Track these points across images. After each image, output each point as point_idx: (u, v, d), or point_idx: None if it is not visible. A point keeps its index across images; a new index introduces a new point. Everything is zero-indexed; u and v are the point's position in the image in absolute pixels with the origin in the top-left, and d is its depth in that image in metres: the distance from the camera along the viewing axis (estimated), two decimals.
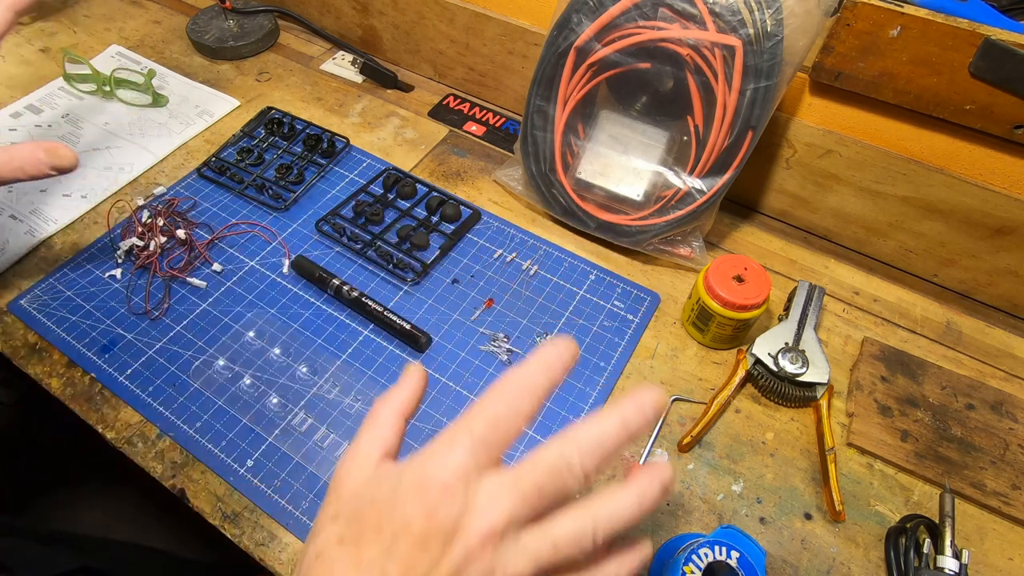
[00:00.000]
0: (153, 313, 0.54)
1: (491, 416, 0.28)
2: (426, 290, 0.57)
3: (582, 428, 0.28)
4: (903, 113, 0.53)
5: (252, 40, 0.79)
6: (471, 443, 0.27)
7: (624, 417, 0.28)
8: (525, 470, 0.27)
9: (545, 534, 0.27)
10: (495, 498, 0.27)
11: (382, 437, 0.31)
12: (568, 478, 0.27)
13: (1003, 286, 0.57)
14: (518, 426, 0.28)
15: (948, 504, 0.44)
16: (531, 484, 0.27)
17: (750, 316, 0.50)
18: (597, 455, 0.27)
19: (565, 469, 0.27)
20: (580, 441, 0.27)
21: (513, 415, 0.28)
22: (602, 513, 0.28)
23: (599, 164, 0.59)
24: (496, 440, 0.28)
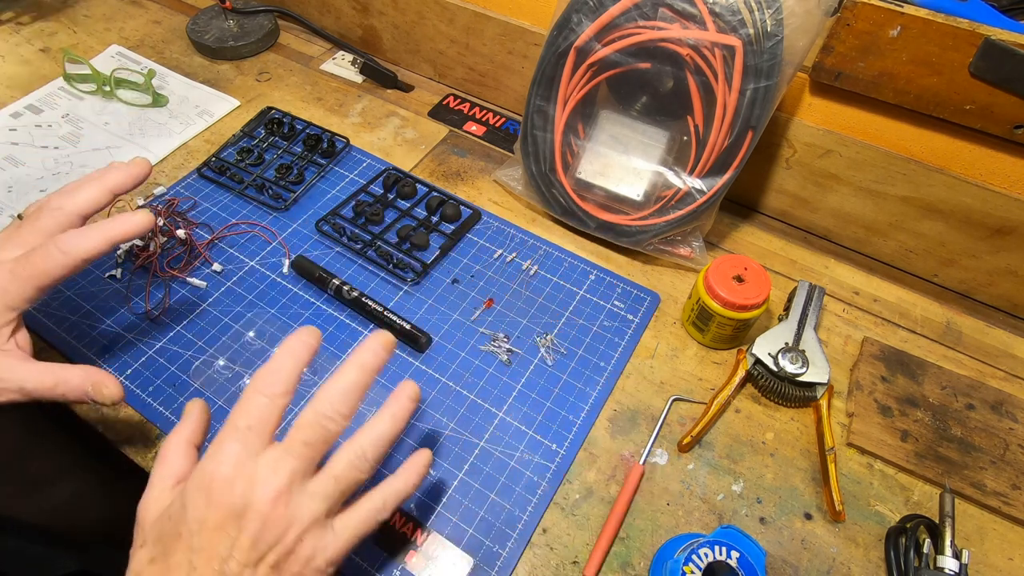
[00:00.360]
0: (153, 313, 0.54)
1: (251, 408, 0.32)
2: (426, 290, 0.57)
3: (328, 383, 0.33)
4: (903, 113, 0.53)
5: (252, 40, 0.79)
6: (238, 435, 0.32)
7: (360, 362, 0.34)
8: (290, 434, 0.32)
9: (324, 474, 0.33)
10: (271, 466, 0.32)
11: (171, 467, 0.35)
12: (328, 425, 0.32)
13: (1003, 286, 0.57)
14: (279, 406, 0.33)
15: (948, 504, 0.44)
16: (298, 443, 0.32)
17: (750, 316, 0.50)
18: (347, 399, 0.33)
19: (322, 419, 0.32)
20: (328, 393, 0.33)
21: (269, 399, 0.33)
22: (365, 439, 0.34)
23: (599, 164, 0.59)
24: (261, 425, 0.32)
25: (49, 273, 0.39)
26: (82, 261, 0.40)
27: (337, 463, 0.33)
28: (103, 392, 0.41)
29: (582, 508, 0.45)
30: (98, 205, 0.43)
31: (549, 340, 0.54)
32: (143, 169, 0.44)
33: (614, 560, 0.43)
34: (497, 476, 0.46)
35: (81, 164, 0.66)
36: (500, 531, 0.44)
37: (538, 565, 0.43)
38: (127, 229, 0.41)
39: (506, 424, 0.49)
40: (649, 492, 0.46)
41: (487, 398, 0.50)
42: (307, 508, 0.32)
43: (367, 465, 0.34)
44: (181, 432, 0.36)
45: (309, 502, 0.32)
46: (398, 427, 0.35)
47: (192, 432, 0.36)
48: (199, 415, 0.37)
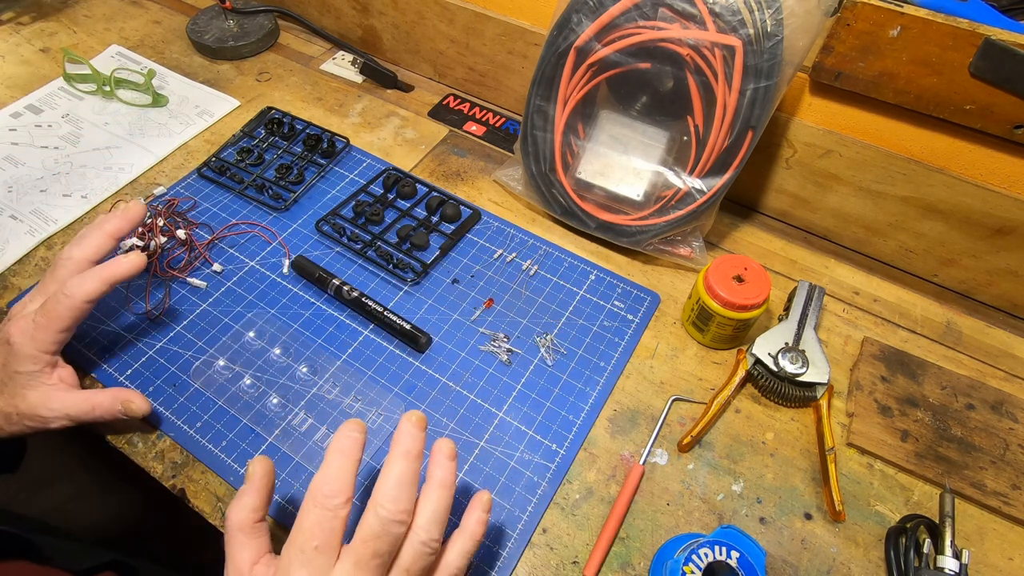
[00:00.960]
0: (153, 313, 0.54)
1: (313, 526, 0.32)
2: (426, 290, 0.57)
3: (380, 483, 0.33)
4: (903, 113, 0.53)
5: (252, 40, 0.79)
6: (305, 558, 0.32)
7: (404, 450, 0.34)
8: (358, 546, 0.33)
9: (397, 570, 0.34)
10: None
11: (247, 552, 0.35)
12: (391, 528, 0.33)
13: (1003, 286, 0.57)
14: (341, 517, 0.33)
15: (948, 504, 0.44)
16: (368, 555, 0.32)
17: (750, 316, 0.50)
18: (402, 493, 0.33)
19: (388, 525, 0.32)
20: (385, 494, 0.33)
21: (332, 512, 0.33)
22: (424, 521, 0.34)
23: (599, 164, 0.59)
24: (327, 544, 0.32)
25: (61, 317, 0.43)
26: (84, 303, 0.43)
27: (406, 556, 0.34)
28: (132, 408, 0.45)
29: (582, 508, 0.45)
30: (102, 251, 0.47)
31: (549, 340, 0.54)
32: (139, 212, 0.48)
33: (614, 560, 0.43)
34: (497, 476, 0.46)
35: (81, 164, 0.66)
36: (500, 531, 0.44)
37: (538, 565, 0.43)
38: (121, 272, 0.45)
39: (506, 424, 0.49)
40: (649, 492, 0.46)
41: (487, 398, 0.50)
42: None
43: (433, 546, 0.34)
44: (249, 501, 0.36)
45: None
46: (448, 493, 0.35)
47: (259, 503, 0.36)
48: (263, 478, 0.37)
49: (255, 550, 0.35)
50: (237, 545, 0.35)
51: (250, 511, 0.36)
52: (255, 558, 0.35)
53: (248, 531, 0.35)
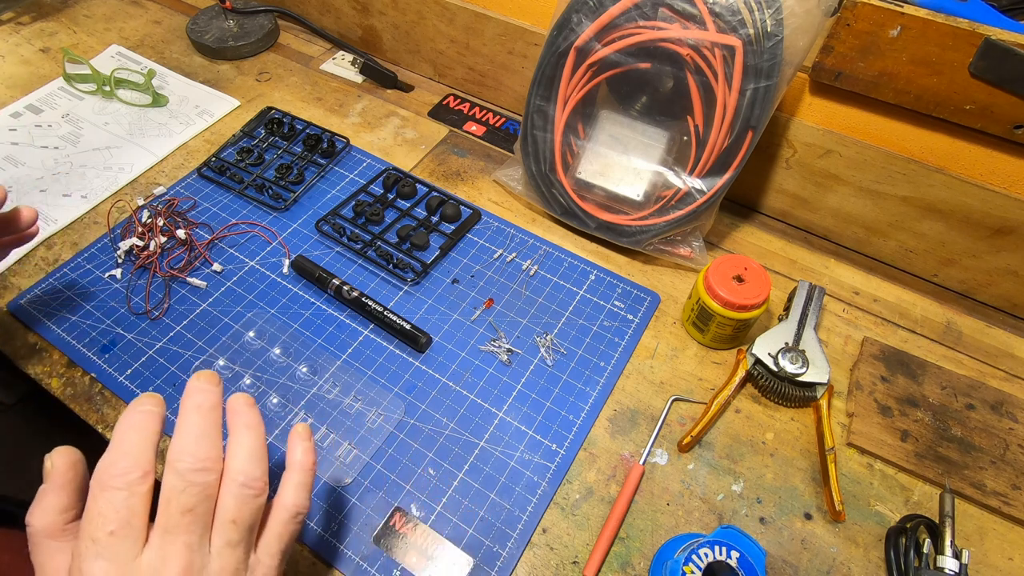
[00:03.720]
0: (153, 313, 0.54)
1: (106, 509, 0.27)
2: (426, 290, 0.57)
3: (173, 441, 0.29)
4: (903, 113, 0.53)
5: (252, 40, 0.79)
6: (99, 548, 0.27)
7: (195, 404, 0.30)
8: (162, 510, 0.28)
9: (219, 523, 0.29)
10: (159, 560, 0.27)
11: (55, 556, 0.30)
12: (195, 478, 0.28)
13: (1003, 286, 0.57)
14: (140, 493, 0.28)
15: (948, 504, 0.44)
16: (175, 515, 0.28)
17: (750, 316, 0.50)
18: (200, 443, 0.29)
19: (188, 475, 0.28)
20: (180, 448, 0.29)
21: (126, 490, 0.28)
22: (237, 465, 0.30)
23: (599, 164, 0.59)
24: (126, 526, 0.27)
25: None
26: None
27: (227, 506, 0.30)
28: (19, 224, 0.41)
29: (582, 508, 0.45)
30: None
31: (549, 340, 0.54)
32: None
33: (614, 560, 0.43)
34: (497, 476, 0.46)
35: (81, 164, 0.66)
36: (500, 531, 0.44)
37: (538, 565, 0.43)
38: None
39: (506, 424, 0.49)
40: (649, 492, 0.46)
41: (487, 398, 0.50)
42: (222, 568, 0.29)
43: (257, 487, 0.30)
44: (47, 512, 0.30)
45: (221, 560, 0.29)
46: (259, 433, 0.32)
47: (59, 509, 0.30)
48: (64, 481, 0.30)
49: (67, 557, 0.29)
50: (46, 553, 0.29)
51: (55, 513, 0.30)
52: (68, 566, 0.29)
53: (58, 535, 0.30)
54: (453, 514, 0.44)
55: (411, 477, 0.46)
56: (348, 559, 0.42)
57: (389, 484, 0.45)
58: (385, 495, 0.45)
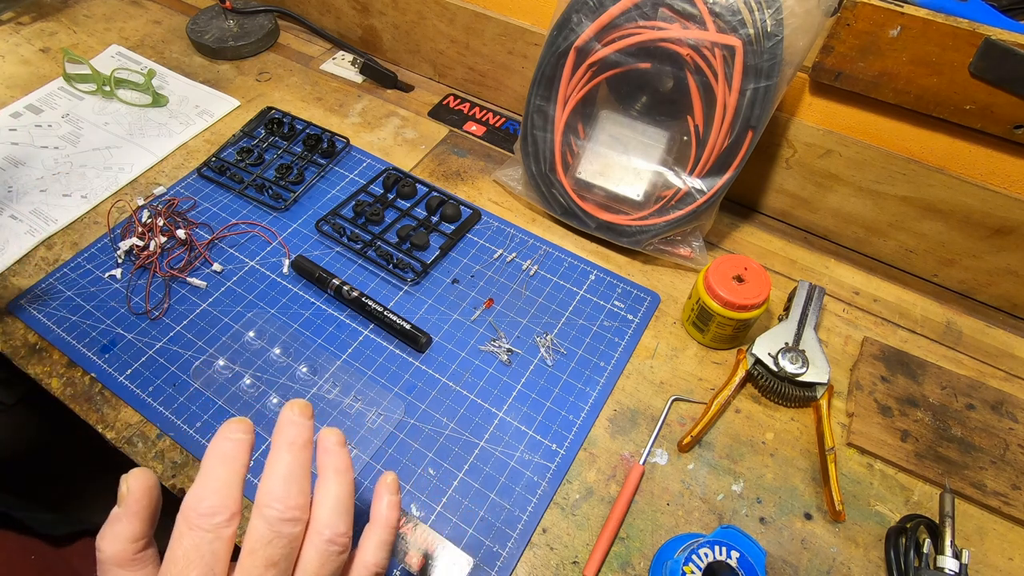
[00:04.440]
0: (153, 313, 0.54)
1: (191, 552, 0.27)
2: (426, 290, 0.57)
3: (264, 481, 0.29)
4: (903, 113, 0.53)
5: (252, 40, 0.79)
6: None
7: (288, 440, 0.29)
8: (246, 563, 0.27)
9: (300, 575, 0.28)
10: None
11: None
12: (284, 529, 0.28)
13: (1003, 286, 0.57)
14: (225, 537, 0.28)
15: (948, 504, 0.44)
16: (260, 568, 0.27)
17: (750, 316, 0.50)
18: (291, 488, 0.28)
19: (277, 526, 0.28)
20: (270, 492, 0.28)
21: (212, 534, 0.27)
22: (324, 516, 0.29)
23: (599, 164, 0.59)
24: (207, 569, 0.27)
25: None
26: None
27: (309, 560, 0.29)
28: None
29: (582, 508, 0.45)
30: None
31: (549, 340, 0.54)
32: None
33: (614, 560, 0.43)
34: (497, 476, 0.46)
35: (81, 164, 0.66)
36: (500, 531, 0.44)
37: (538, 565, 0.43)
38: None
39: (506, 424, 0.49)
40: (649, 492, 0.46)
41: (487, 398, 0.50)
42: None
43: (341, 543, 0.29)
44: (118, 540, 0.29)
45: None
46: (347, 479, 0.31)
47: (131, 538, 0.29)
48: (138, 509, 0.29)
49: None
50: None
51: (127, 541, 0.29)
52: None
53: (128, 564, 0.29)
54: (453, 514, 0.44)
55: (411, 477, 0.46)
56: None
57: None
58: None
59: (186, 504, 0.28)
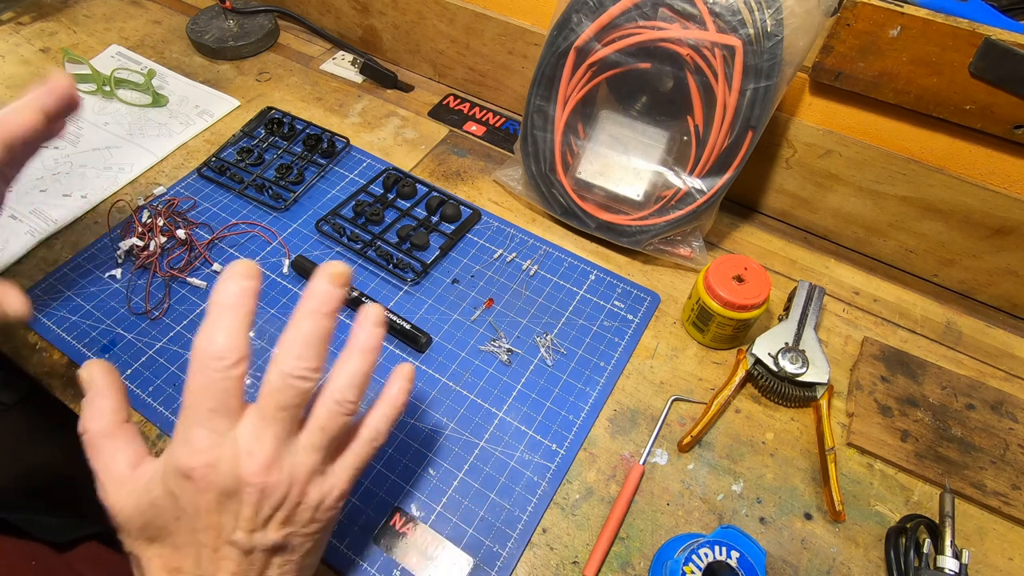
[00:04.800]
0: (153, 313, 0.54)
1: (205, 386, 0.30)
2: (426, 290, 0.57)
3: (286, 335, 0.31)
4: (903, 113, 0.53)
5: (252, 40, 0.79)
6: (201, 418, 0.30)
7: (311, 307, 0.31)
8: (262, 401, 0.31)
9: (310, 426, 0.32)
10: (252, 439, 0.30)
11: (116, 456, 0.32)
12: (298, 384, 0.30)
13: (1003, 286, 0.57)
14: (235, 376, 0.30)
15: (948, 504, 0.44)
16: (271, 408, 0.30)
17: (750, 316, 0.50)
18: (307, 350, 0.31)
19: (291, 380, 0.30)
20: (286, 350, 0.31)
21: (222, 373, 0.30)
22: (341, 382, 0.32)
23: (599, 164, 0.59)
24: (223, 404, 0.30)
25: None
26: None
27: (320, 414, 0.32)
28: (5, 309, 0.38)
29: (582, 508, 0.45)
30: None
31: (549, 340, 0.54)
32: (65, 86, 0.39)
33: (614, 560, 0.43)
34: (497, 476, 0.46)
35: (81, 164, 0.66)
36: (500, 531, 0.44)
37: (538, 565, 0.43)
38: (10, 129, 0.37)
39: (506, 424, 0.49)
40: (649, 492, 0.46)
41: (487, 398, 0.50)
42: (301, 464, 0.32)
43: (349, 407, 0.33)
44: (101, 410, 0.33)
45: (302, 458, 0.32)
46: (370, 360, 0.33)
47: (115, 406, 0.33)
48: (108, 384, 0.33)
49: (131, 453, 0.32)
50: (108, 453, 0.32)
51: (110, 413, 0.32)
52: (134, 461, 0.32)
53: (115, 435, 0.32)
54: (453, 514, 0.44)
55: (411, 477, 0.46)
56: (348, 559, 0.42)
57: (389, 484, 0.45)
58: (385, 495, 0.45)
59: (196, 347, 0.30)
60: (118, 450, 0.32)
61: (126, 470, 0.32)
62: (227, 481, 0.30)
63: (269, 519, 0.31)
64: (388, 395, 0.36)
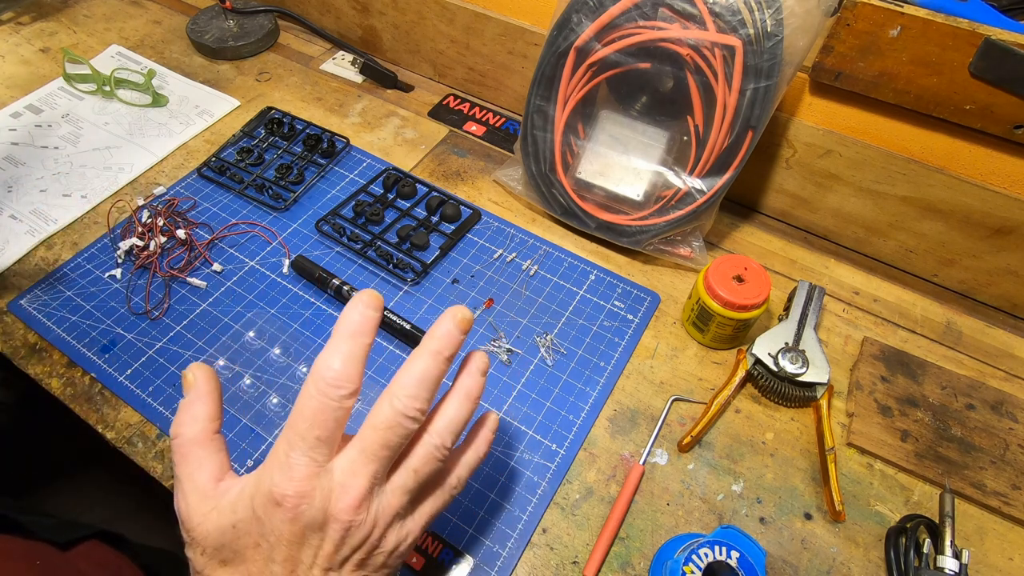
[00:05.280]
0: (153, 313, 0.54)
1: (315, 414, 0.29)
2: (426, 290, 0.57)
3: (401, 374, 0.31)
4: (903, 113, 0.53)
5: (252, 40, 0.79)
6: (305, 445, 0.29)
7: (434, 347, 0.31)
8: (367, 435, 0.30)
9: (404, 469, 0.31)
10: (349, 474, 0.30)
11: (204, 466, 0.31)
12: (405, 423, 0.30)
13: (1003, 286, 0.57)
14: (346, 408, 0.30)
15: (948, 504, 0.44)
16: (376, 445, 0.30)
17: (750, 316, 0.50)
18: (422, 391, 0.30)
19: (401, 419, 0.30)
20: (403, 387, 0.30)
21: (336, 403, 0.29)
22: (441, 426, 0.32)
23: (599, 164, 0.59)
24: (329, 434, 0.29)
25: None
26: None
27: (416, 457, 0.32)
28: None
29: (582, 508, 0.45)
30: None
31: (549, 340, 0.54)
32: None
33: (614, 560, 0.43)
34: (497, 476, 0.46)
35: (81, 164, 0.66)
36: (500, 531, 0.44)
37: (538, 565, 0.43)
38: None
39: (506, 424, 0.49)
40: (649, 492, 0.46)
41: (487, 398, 0.50)
42: (389, 506, 0.31)
43: (444, 452, 0.32)
44: (197, 417, 0.32)
45: (391, 499, 0.31)
46: (472, 407, 0.33)
47: (210, 415, 0.32)
48: (209, 391, 0.33)
49: (217, 465, 0.31)
50: (195, 462, 0.31)
51: (205, 421, 0.32)
52: (218, 474, 0.31)
53: (206, 444, 0.31)
54: (453, 514, 0.44)
55: None
56: None
57: None
58: None
59: (316, 369, 0.30)
60: (206, 459, 0.31)
61: (210, 482, 0.31)
62: (317, 515, 0.29)
63: (347, 559, 0.30)
64: (475, 444, 0.36)
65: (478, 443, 0.36)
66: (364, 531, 0.30)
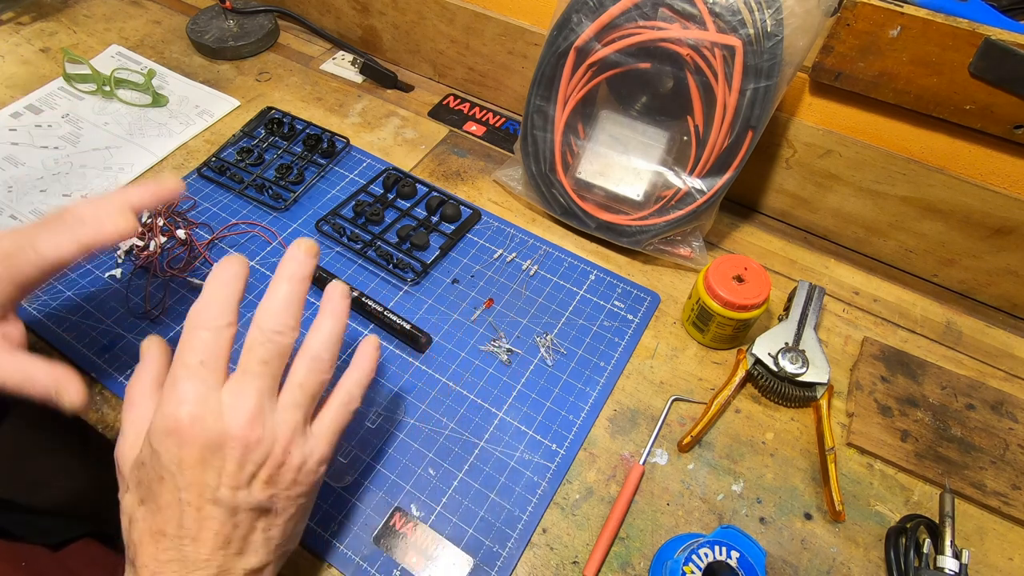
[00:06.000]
0: (153, 313, 0.54)
1: (197, 343, 0.32)
2: (426, 290, 0.57)
3: (264, 301, 0.33)
4: (903, 113, 0.53)
5: (252, 40, 0.79)
6: (190, 372, 0.31)
7: (287, 273, 0.34)
8: (244, 357, 0.32)
9: (289, 384, 0.34)
10: (236, 392, 0.32)
11: (142, 411, 0.35)
12: (278, 339, 0.32)
13: (1003, 286, 0.57)
14: (225, 337, 0.32)
15: (948, 504, 0.44)
16: (255, 363, 0.32)
17: (750, 316, 0.50)
18: (287, 309, 0.33)
19: (272, 335, 0.32)
20: (267, 310, 0.33)
21: (214, 332, 0.32)
22: (316, 343, 0.35)
23: (599, 164, 0.59)
24: (213, 359, 0.32)
25: (23, 272, 0.38)
26: (52, 265, 0.38)
27: (298, 372, 0.34)
28: (63, 398, 0.38)
29: (582, 508, 0.45)
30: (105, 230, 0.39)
31: (549, 340, 0.54)
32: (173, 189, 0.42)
33: (614, 560, 0.43)
34: (497, 476, 0.46)
35: (81, 164, 0.66)
36: (500, 531, 0.44)
37: (538, 565, 0.43)
38: (102, 237, 0.38)
39: (506, 424, 0.49)
40: (649, 492, 0.46)
41: (487, 398, 0.50)
42: (283, 421, 0.33)
43: (325, 366, 0.35)
44: (146, 373, 0.36)
45: (284, 415, 0.33)
46: (341, 323, 0.36)
47: (157, 372, 0.36)
48: (159, 354, 0.37)
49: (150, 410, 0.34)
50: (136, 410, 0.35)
51: (153, 380, 0.36)
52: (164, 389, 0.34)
53: (152, 395, 0.35)
54: (453, 514, 0.44)
55: (411, 477, 0.46)
56: (348, 559, 0.42)
57: (389, 484, 0.45)
58: (385, 495, 0.45)
59: (191, 313, 0.32)
60: (148, 409, 0.34)
61: (140, 425, 0.34)
62: (211, 435, 0.31)
63: (253, 477, 0.32)
64: (358, 362, 0.38)
65: (362, 360, 0.38)
66: (265, 448, 0.32)
